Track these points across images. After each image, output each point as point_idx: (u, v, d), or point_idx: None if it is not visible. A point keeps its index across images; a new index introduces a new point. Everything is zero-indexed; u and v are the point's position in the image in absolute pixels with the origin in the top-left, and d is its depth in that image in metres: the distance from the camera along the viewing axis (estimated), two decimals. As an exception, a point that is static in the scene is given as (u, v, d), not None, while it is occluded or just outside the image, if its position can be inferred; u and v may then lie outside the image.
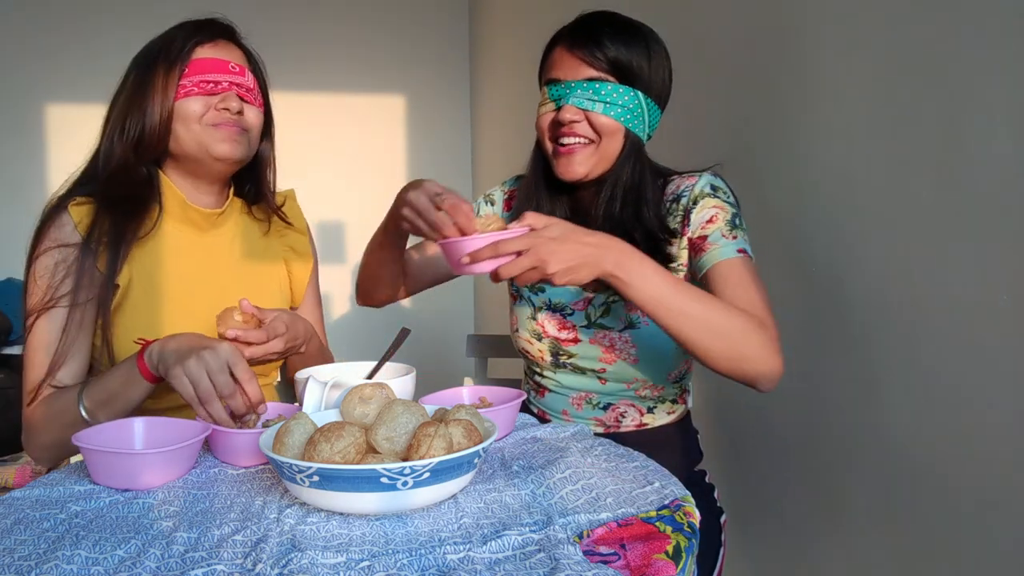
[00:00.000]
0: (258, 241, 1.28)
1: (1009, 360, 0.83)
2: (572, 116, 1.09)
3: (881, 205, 1.03)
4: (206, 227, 1.21)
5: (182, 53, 1.13)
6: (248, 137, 1.17)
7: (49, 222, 1.13)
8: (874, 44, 1.03)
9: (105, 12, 3.36)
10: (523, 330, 1.25)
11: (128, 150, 1.14)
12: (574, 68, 1.10)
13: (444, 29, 3.81)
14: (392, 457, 0.77)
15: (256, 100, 1.18)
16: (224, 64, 1.14)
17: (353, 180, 3.67)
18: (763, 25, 1.30)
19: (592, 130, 1.10)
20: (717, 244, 1.08)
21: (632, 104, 1.09)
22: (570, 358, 1.20)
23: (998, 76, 0.84)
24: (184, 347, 0.95)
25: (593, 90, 1.08)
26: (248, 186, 1.27)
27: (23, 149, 3.31)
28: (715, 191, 1.12)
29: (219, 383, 0.91)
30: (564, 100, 1.10)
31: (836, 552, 1.17)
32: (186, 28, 1.16)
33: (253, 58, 1.22)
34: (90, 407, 1.02)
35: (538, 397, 1.29)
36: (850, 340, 1.11)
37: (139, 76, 1.14)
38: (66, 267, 1.10)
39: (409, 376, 1.06)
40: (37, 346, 1.09)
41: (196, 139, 1.13)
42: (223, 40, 1.18)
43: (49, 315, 1.09)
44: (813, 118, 1.18)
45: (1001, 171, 0.84)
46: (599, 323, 1.17)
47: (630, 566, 0.63)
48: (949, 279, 0.92)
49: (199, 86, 1.12)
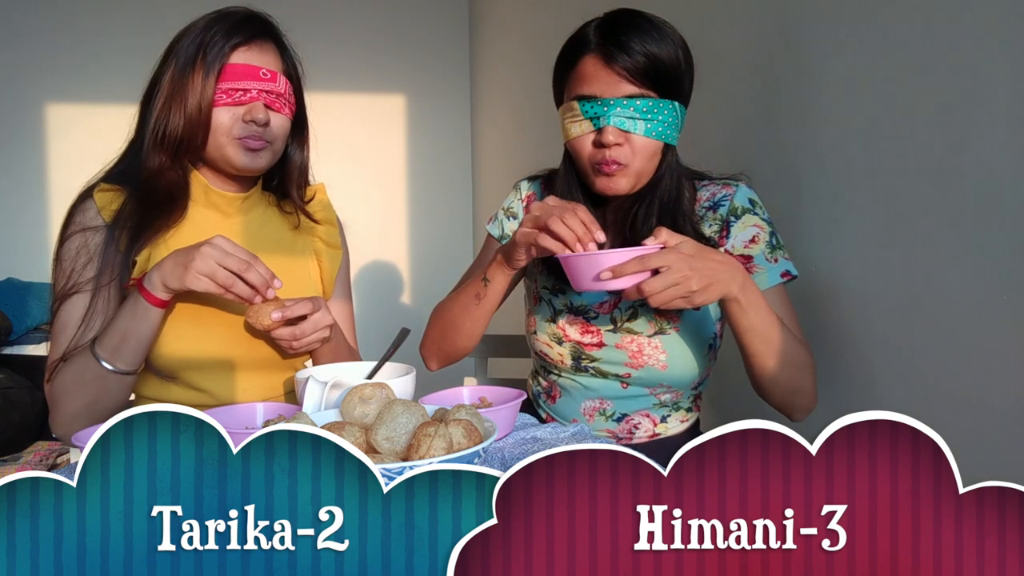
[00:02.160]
0: (286, 233, 1.27)
1: (1009, 360, 0.83)
2: (615, 139, 1.04)
3: (881, 205, 1.03)
4: (231, 212, 1.21)
5: (220, 56, 1.10)
6: (272, 148, 1.16)
7: (75, 208, 1.15)
8: (874, 43, 1.03)
9: (105, 12, 3.36)
10: (542, 333, 1.21)
11: (165, 154, 1.14)
12: (613, 84, 1.04)
13: (444, 29, 3.81)
14: (392, 457, 0.77)
15: (285, 106, 1.16)
16: (255, 70, 1.12)
17: (353, 180, 3.66)
18: (763, 25, 1.30)
19: (631, 151, 1.06)
20: (762, 269, 1.08)
21: (671, 118, 1.06)
22: (592, 362, 1.17)
23: (998, 76, 0.84)
24: (180, 257, 1.01)
25: (635, 107, 1.04)
26: (276, 180, 1.27)
27: (23, 150, 3.31)
28: (754, 206, 1.12)
29: (231, 264, 0.99)
30: (604, 120, 1.04)
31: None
32: (225, 24, 1.12)
33: (289, 57, 1.20)
34: (106, 356, 1.04)
35: (548, 402, 1.26)
36: (850, 340, 1.11)
37: (177, 76, 1.12)
38: (88, 252, 1.11)
39: (409, 376, 1.06)
40: (60, 329, 1.11)
41: (220, 151, 1.13)
42: (260, 40, 1.15)
43: (72, 300, 1.10)
44: (813, 118, 1.18)
45: (1001, 171, 0.84)
46: (627, 327, 1.14)
47: (630, 566, 0.63)
48: (949, 279, 0.92)
49: (228, 94, 1.11)
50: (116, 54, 3.35)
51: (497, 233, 1.30)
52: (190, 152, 1.13)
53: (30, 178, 3.31)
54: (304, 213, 1.28)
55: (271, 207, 1.27)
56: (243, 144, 1.12)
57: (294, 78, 1.21)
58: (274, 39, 1.18)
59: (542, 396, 1.28)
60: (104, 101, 3.34)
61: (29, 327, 2.68)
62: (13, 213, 3.28)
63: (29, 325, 2.68)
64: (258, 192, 1.24)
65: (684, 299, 0.92)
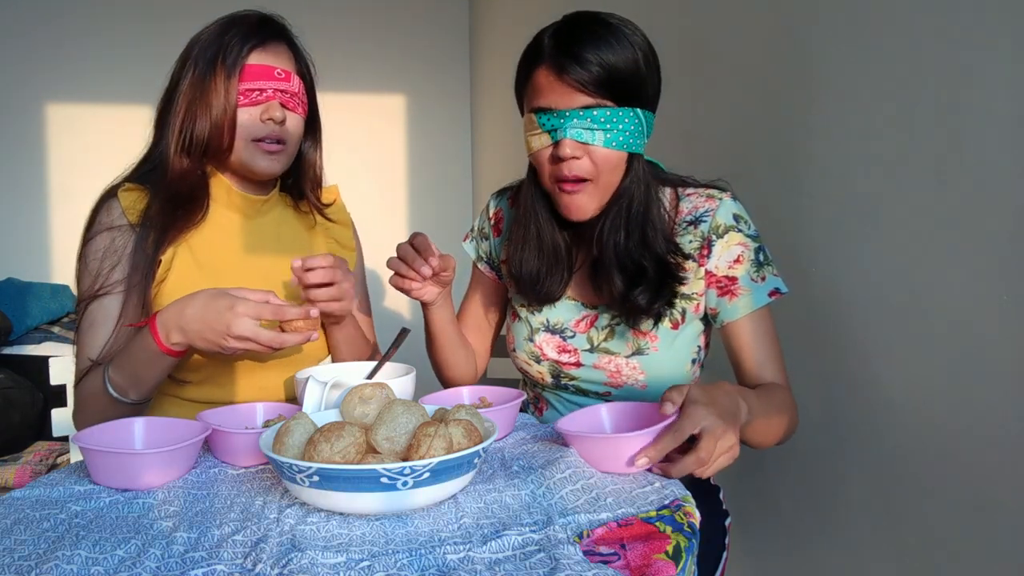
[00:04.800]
0: (303, 233, 1.30)
1: (1009, 360, 0.83)
2: (572, 152, 0.99)
3: (881, 205, 1.03)
4: (251, 213, 1.23)
5: (239, 58, 1.12)
6: (288, 149, 1.18)
7: (99, 208, 1.15)
8: (873, 43, 1.03)
9: (106, 13, 3.35)
10: (520, 351, 1.20)
11: (188, 157, 1.15)
12: (567, 96, 0.99)
13: (444, 29, 3.81)
14: (392, 457, 0.77)
15: (299, 106, 1.18)
16: (270, 71, 1.14)
17: (353, 179, 3.65)
18: (763, 25, 1.30)
19: (592, 164, 1.01)
20: (747, 291, 1.05)
21: (632, 126, 1.01)
22: (572, 380, 1.15)
23: (997, 76, 0.84)
24: (206, 326, 0.98)
25: (591, 118, 0.99)
26: (291, 181, 1.29)
27: (23, 150, 3.31)
28: (738, 222, 1.06)
29: (264, 339, 0.98)
30: (561, 133, 0.99)
31: (838, 554, 1.17)
32: (241, 28, 1.15)
33: (302, 58, 1.22)
34: (119, 391, 1.06)
35: (537, 414, 1.25)
36: (850, 340, 1.11)
37: (198, 79, 1.13)
38: (116, 253, 1.12)
39: (409, 376, 1.06)
40: (87, 328, 1.11)
41: (238, 155, 1.15)
42: (275, 41, 1.17)
43: (100, 302, 1.11)
44: (813, 118, 1.18)
45: (1000, 171, 0.84)
46: (603, 347, 1.12)
47: (630, 566, 0.63)
48: (949, 279, 0.92)
49: (245, 95, 1.12)
50: (116, 54, 3.34)
51: (473, 254, 1.31)
52: (216, 156, 1.15)
53: (30, 178, 3.31)
54: (320, 213, 1.31)
55: (288, 208, 1.30)
56: (261, 148, 1.14)
57: (307, 78, 1.23)
58: (287, 40, 1.20)
59: (530, 407, 1.28)
60: (104, 101, 3.33)
61: (29, 327, 2.67)
62: (13, 213, 3.28)
63: (29, 325, 2.67)
64: (277, 194, 1.27)
65: (729, 454, 0.85)
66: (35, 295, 2.73)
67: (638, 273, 1.04)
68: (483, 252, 1.28)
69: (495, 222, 1.27)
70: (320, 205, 1.31)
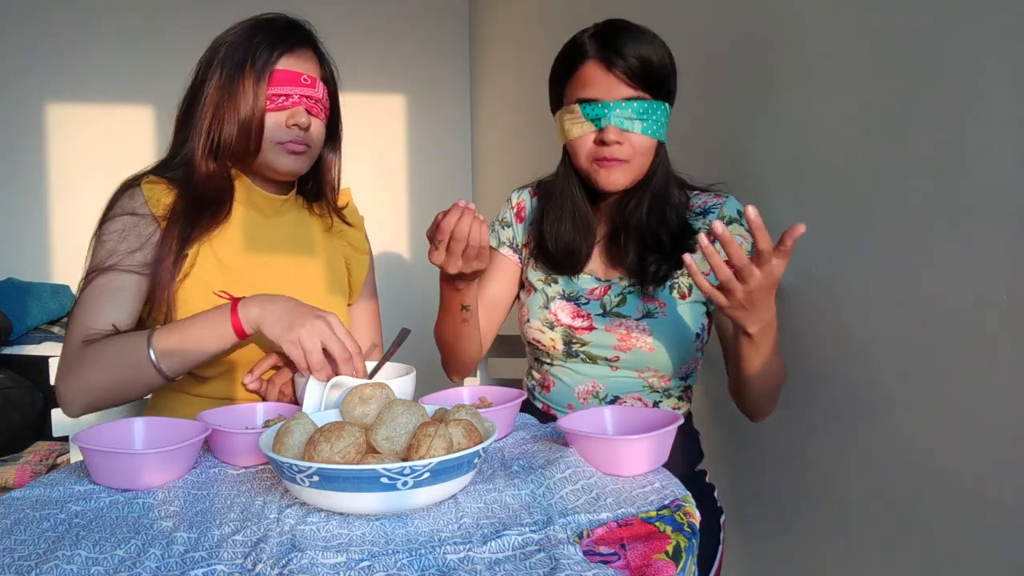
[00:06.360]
0: (318, 235, 1.31)
1: (1009, 360, 0.83)
2: (616, 137, 1.13)
3: (880, 205, 1.03)
4: (270, 212, 1.24)
5: (268, 63, 1.13)
6: (311, 152, 1.19)
7: (120, 194, 1.16)
8: (872, 43, 1.03)
9: (107, 13, 3.35)
10: (535, 320, 1.27)
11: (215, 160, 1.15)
12: (612, 88, 1.13)
13: (444, 29, 3.81)
14: (392, 457, 0.77)
15: (322, 112, 1.19)
16: (297, 76, 1.15)
17: (353, 179, 3.65)
18: (761, 25, 1.30)
19: (631, 148, 1.15)
20: None
21: (663, 117, 1.16)
22: (583, 346, 1.23)
23: (996, 76, 0.84)
24: (291, 314, 1.02)
25: (632, 109, 1.13)
26: (310, 184, 1.30)
27: (23, 150, 3.31)
28: (741, 217, 1.20)
29: (333, 348, 1.00)
30: (605, 120, 1.13)
31: (836, 552, 1.17)
32: (269, 33, 1.15)
33: (327, 63, 1.23)
34: (158, 353, 1.03)
35: (543, 392, 1.30)
36: (850, 340, 1.11)
37: (225, 81, 1.13)
38: (139, 236, 1.12)
39: (409, 376, 1.06)
40: (94, 296, 1.09)
41: (264, 156, 1.16)
42: (301, 47, 1.17)
43: (109, 275, 1.10)
44: (812, 118, 1.17)
45: (1000, 171, 0.84)
46: (616, 311, 1.22)
47: (630, 566, 0.63)
48: (948, 279, 0.92)
49: (272, 100, 1.13)
50: (116, 54, 3.34)
51: (495, 243, 1.37)
52: (243, 160, 1.16)
53: (30, 178, 3.30)
54: (338, 215, 1.33)
55: (303, 209, 1.31)
56: (285, 148, 1.15)
57: (331, 83, 1.24)
58: (313, 46, 1.21)
59: (537, 388, 1.33)
60: (104, 101, 3.33)
61: (29, 327, 2.67)
62: (13, 213, 3.27)
63: (29, 325, 2.67)
64: (294, 195, 1.28)
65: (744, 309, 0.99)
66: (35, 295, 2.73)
67: (655, 243, 1.19)
68: (505, 239, 1.36)
69: (517, 211, 1.36)
70: (338, 208, 1.32)
